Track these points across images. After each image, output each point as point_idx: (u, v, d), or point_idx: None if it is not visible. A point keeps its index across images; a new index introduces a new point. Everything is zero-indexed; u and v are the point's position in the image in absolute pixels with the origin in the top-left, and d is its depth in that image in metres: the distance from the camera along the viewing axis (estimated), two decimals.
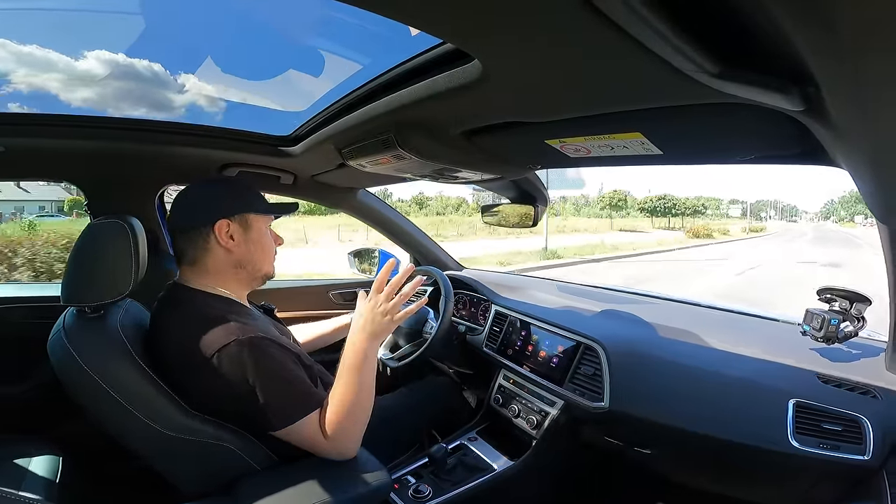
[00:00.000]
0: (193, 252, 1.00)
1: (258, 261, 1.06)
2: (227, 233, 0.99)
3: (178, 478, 0.93)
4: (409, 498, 1.24)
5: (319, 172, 1.63)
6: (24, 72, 2.16)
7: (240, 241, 1.01)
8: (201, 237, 0.99)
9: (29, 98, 2.05)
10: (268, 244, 1.08)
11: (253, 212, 1.04)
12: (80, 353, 0.85)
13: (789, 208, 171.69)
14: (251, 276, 1.07)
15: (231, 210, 1.01)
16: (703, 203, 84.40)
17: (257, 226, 1.05)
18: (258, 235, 1.05)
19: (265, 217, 1.07)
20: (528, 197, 1.62)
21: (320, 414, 0.94)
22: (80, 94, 2.30)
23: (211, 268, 1.01)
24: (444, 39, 0.67)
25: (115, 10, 1.39)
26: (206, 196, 1.02)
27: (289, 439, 0.92)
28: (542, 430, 1.37)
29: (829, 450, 0.96)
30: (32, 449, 1.15)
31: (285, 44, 1.62)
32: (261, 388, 0.88)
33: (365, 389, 0.97)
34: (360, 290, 1.16)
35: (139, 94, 2.37)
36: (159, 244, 1.61)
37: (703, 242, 30.29)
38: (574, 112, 0.77)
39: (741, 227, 55.11)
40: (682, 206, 69.78)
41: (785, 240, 34.91)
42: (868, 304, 1.11)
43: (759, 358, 1.17)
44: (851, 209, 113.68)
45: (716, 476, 1.25)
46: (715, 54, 0.47)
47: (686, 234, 38.59)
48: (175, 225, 1.01)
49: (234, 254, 1.01)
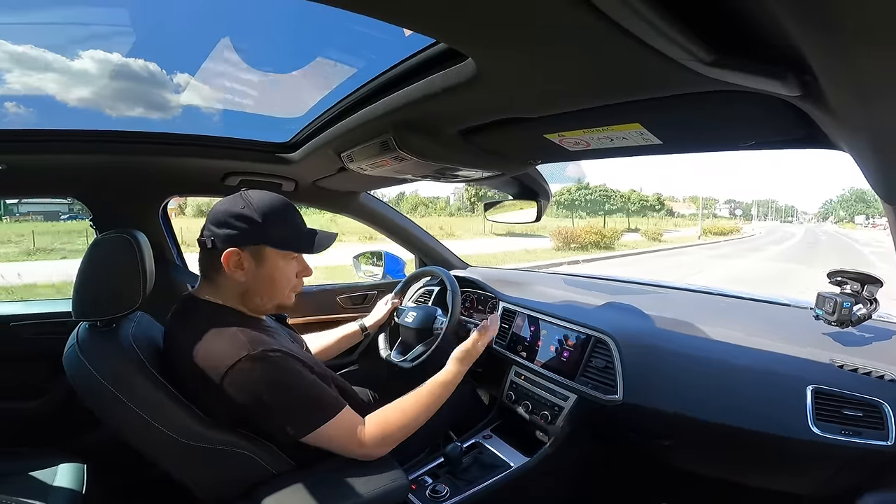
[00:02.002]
0: (209, 269, 0.99)
1: (267, 294, 1.01)
2: (235, 262, 0.95)
3: (198, 485, 0.94)
4: (426, 498, 1.24)
5: (320, 178, 1.63)
6: (18, 71, 2.17)
7: (249, 272, 0.96)
8: (215, 258, 0.95)
9: (24, 99, 2.06)
10: (281, 279, 1.01)
11: (268, 244, 0.97)
12: (95, 366, 0.86)
13: (788, 209, 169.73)
14: (259, 306, 1.02)
15: (245, 240, 0.94)
16: (658, 199, 64.34)
17: (273, 261, 0.98)
18: (271, 270, 0.99)
19: (285, 252, 1.00)
20: (530, 193, 1.62)
21: (368, 416, 1.00)
22: (75, 93, 2.31)
23: (222, 289, 0.99)
24: (437, 39, 0.67)
25: (108, 24, 1.39)
26: (226, 217, 0.94)
27: (315, 444, 0.93)
28: (556, 425, 1.36)
29: (852, 436, 0.95)
30: (55, 461, 1.17)
31: (282, 46, 1.63)
32: (276, 402, 0.88)
33: (434, 408, 1.11)
34: (386, 297, 1.25)
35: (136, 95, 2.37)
36: (165, 255, 1.62)
37: (604, 255, 16.98)
38: (571, 106, 0.77)
39: (704, 229, 39.70)
40: (622, 199, 54.54)
41: (749, 247, 25.21)
42: (880, 286, 1.09)
43: (773, 344, 1.16)
44: (851, 209, 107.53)
45: (736, 466, 1.23)
46: (709, 43, 0.47)
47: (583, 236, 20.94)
48: (200, 237, 0.98)
49: (242, 283, 0.97)
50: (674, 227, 49.81)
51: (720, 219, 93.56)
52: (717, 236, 38.66)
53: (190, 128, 1.38)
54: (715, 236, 38.26)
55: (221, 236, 0.94)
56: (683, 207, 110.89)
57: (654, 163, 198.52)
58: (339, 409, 0.94)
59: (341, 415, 0.94)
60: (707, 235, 37.59)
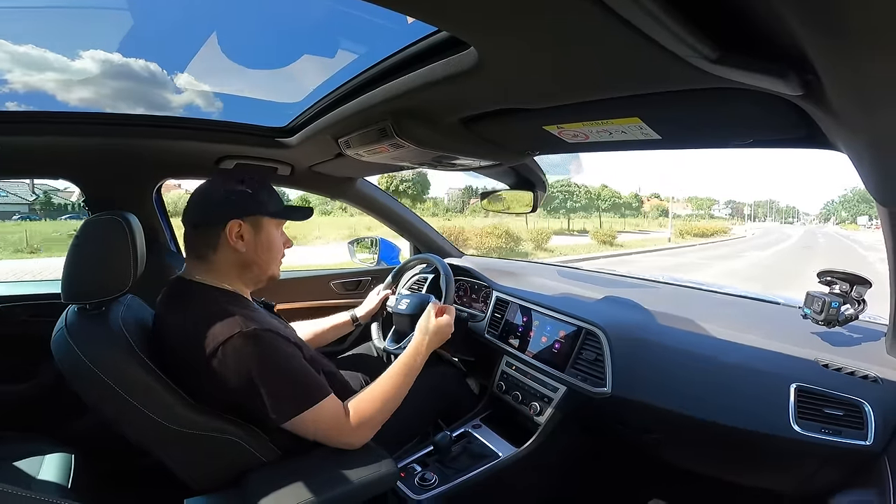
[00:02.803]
0: (203, 248, 1.00)
1: (265, 262, 1.06)
2: (237, 233, 0.99)
3: (187, 472, 0.93)
4: (415, 486, 1.26)
5: (317, 163, 1.62)
6: (20, 71, 2.16)
7: (249, 242, 1.01)
8: (212, 235, 0.99)
9: (26, 98, 2.05)
10: (276, 247, 1.08)
11: (266, 214, 1.03)
12: (83, 350, 0.85)
13: (789, 210, 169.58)
14: (256, 276, 1.07)
15: (244, 211, 1.00)
16: (634, 196, 58.85)
17: (268, 228, 1.04)
18: (267, 238, 1.05)
19: (277, 220, 1.07)
20: (527, 183, 1.62)
21: (344, 403, 0.99)
22: (76, 93, 2.30)
23: (218, 265, 1.01)
24: (440, 27, 0.67)
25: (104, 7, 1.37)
26: (222, 194, 1.00)
27: (297, 431, 0.93)
28: (545, 416, 1.38)
29: (831, 435, 0.96)
30: (42, 447, 1.15)
31: (281, 33, 1.61)
32: (265, 381, 0.88)
33: (405, 388, 1.09)
34: (378, 287, 1.40)
35: (135, 91, 2.36)
36: (158, 238, 1.61)
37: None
38: (571, 98, 0.76)
39: (685, 230, 35.67)
40: (587, 196, 48.17)
41: (723, 253, 21.40)
42: (868, 287, 1.11)
43: (760, 342, 1.17)
44: (854, 209, 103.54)
45: (720, 462, 1.26)
46: (713, 39, 0.46)
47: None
48: (188, 220, 1.01)
49: (243, 254, 1.01)
50: (635, 228, 45.01)
51: (717, 219, 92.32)
52: (699, 238, 34.65)
53: (187, 111, 1.36)
54: (696, 238, 34.31)
55: (219, 211, 0.99)
56: (680, 207, 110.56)
57: (655, 163, 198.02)
58: (324, 396, 0.95)
59: (325, 402, 0.94)
60: (684, 237, 33.57)
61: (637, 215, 61.99)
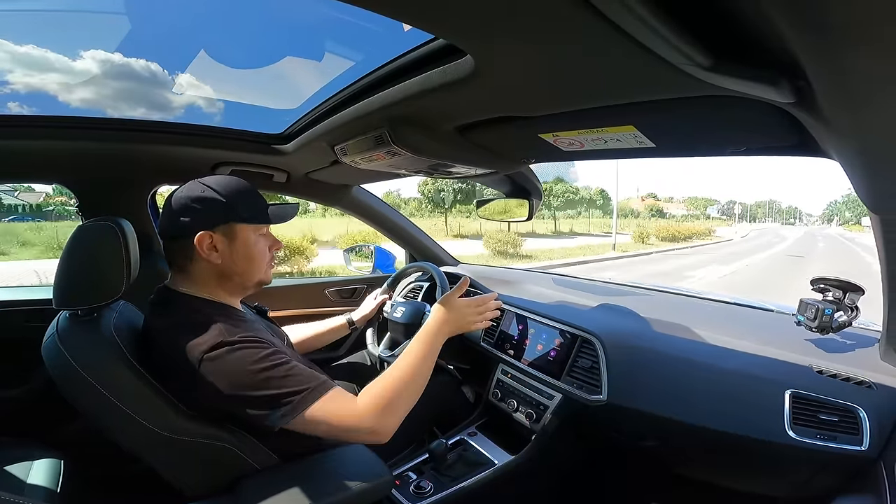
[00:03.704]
0: (181, 259, 0.97)
1: (245, 271, 1.01)
2: (209, 245, 0.94)
3: (179, 479, 0.92)
4: (410, 494, 1.25)
5: (313, 170, 1.62)
6: (21, 72, 2.16)
7: (224, 253, 0.96)
8: (186, 247, 0.94)
9: (27, 98, 2.05)
10: (256, 254, 1.01)
11: (238, 221, 0.97)
12: (74, 356, 0.84)
13: (791, 210, 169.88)
14: (240, 285, 1.03)
15: (212, 221, 0.94)
16: (600, 193, 50.85)
17: (243, 235, 0.98)
18: (244, 245, 0.98)
19: (254, 225, 1.00)
20: (522, 191, 1.63)
21: (344, 394, 0.93)
22: (77, 94, 2.31)
23: (196, 276, 0.98)
24: (437, 35, 0.67)
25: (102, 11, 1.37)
26: (189, 203, 0.94)
27: (306, 430, 0.88)
28: (541, 423, 1.37)
29: (827, 440, 0.96)
30: (32, 452, 1.14)
31: (279, 38, 1.62)
32: (255, 389, 0.85)
33: (424, 373, 1.03)
34: (375, 291, 1.38)
35: (135, 93, 2.37)
36: (153, 245, 1.60)
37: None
38: (567, 106, 0.77)
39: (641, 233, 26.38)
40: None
41: (691, 262, 15.62)
42: (861, 294, 1.12)
43: (754, 349, 1.18)
44: (858, 210, 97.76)
45: (716, 468, 1.25)
46: (706, 47, 0.47)
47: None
48: (162, 231, 0.98)
49: (219, 265, 0.97)
50: (600, 229, 36.11)
51: (714, 220, 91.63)
52: (668, 243, 27.05)
53: (188, 111, 1.37)
54: (665, 243, 27.06)
55: (187, 222, 0.93)
56: (675, 208, 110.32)
57: (655, 163, 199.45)
58: (328, 388, 0.90)
59: (330, 394, 0.89)
60: (644, 242, 25.51)
61: (605, 214, 53.91)
